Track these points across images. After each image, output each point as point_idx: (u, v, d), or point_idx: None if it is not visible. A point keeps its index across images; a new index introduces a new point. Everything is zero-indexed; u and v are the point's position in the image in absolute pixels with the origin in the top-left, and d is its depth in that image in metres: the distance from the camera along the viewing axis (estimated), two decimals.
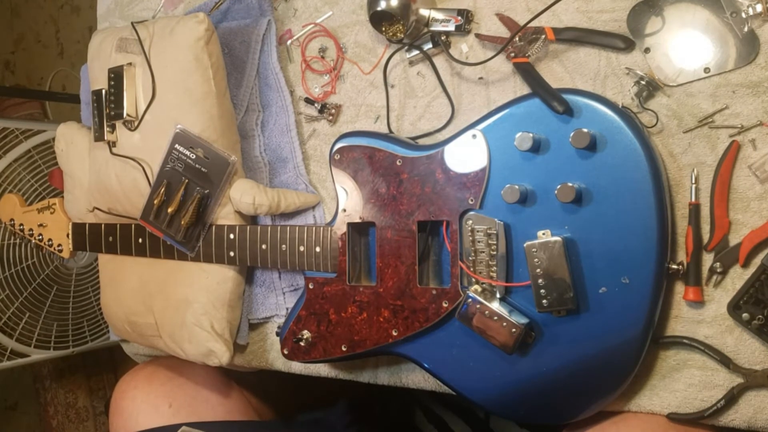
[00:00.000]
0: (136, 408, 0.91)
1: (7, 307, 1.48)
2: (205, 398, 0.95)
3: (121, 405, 0.93)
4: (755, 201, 0.65)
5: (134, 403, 0.91)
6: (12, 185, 1.46)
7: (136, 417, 0.91)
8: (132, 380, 0.94)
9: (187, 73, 0.86)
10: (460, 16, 0.78)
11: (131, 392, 0.93)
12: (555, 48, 0.74)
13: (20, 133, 1.47)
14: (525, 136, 0.68)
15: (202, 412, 0.93)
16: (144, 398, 0.92)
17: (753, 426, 0.66)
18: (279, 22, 0.95)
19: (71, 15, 2.35)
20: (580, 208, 0.67)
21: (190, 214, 0.88)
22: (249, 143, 0.93)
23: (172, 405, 0.91)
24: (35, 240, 1.11)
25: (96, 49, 0.95)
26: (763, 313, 0.64)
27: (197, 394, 0.95)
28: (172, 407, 0.90)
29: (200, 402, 0.94)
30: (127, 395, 0.93)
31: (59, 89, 2.36)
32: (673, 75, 0.68)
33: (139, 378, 0.94)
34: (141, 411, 0.91)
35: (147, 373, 0.95)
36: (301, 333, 0.84)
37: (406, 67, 0.85)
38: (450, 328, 0.75)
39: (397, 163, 0.77)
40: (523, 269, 0.70)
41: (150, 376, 0.95)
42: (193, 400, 0.93)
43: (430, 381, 0.84)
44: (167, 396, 0.92)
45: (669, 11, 0.68)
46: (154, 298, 0.95)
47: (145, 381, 0.94)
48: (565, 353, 0.69)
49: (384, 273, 0.78)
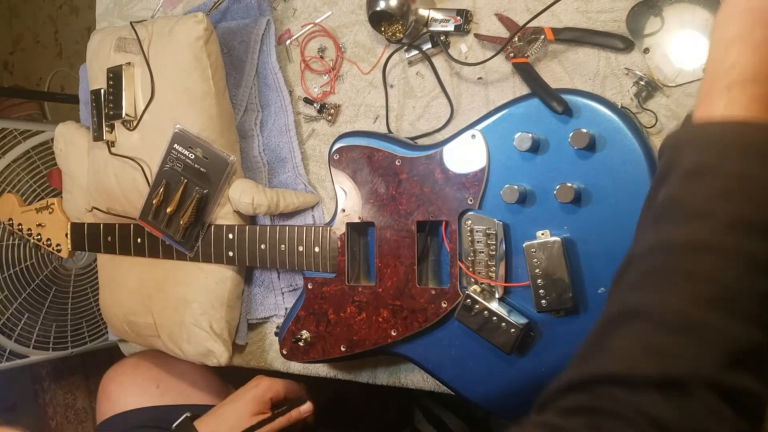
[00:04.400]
0: (123, 390, 0.92)
1: (5, 308, 1.47)
2: (192, 381, 0.95)
3: (108, 389, 0.93)
4: None
5: (122, 387, 0.92)
6: (11, 186, 1.46)
7: (124, 399, 0.92)
8: (119, 367, 0.95)
9: (186, 73, 0.86)
10: (459, 16, 0.78)
11: (118, 378, 0.93)
12: (554, 48, 0.74)
13: (19, 133, 1.47)
14: (524, 137, 0.68)
15: (190, 393, 0.93)
16: (132, 381, 0.92)
17: None
18: (278, 21, 0.95)
19: (70, 15, 2.35)
20: (579, 208, 0.67)
21: (189, 213, 0.88)
22: (248, 143, 0.93)
23: (159, 386, 0.92)
24: (34, 240, 1.11)
25: (95, 48, 0.95)
26: None
27: (184, 377, 0.95)
28: (159, 387, 0.91)
29: (187, 384, 0.95)
30: (114, 380, 0.93)
31: (58, 89, 2.35)
32: (673, 75, 0.68)
33: (127, 365, 0.95)
34: (129, 393, 0.92)
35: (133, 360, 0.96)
36: (300, 333, 0.84)
37: (405, 67, 0.85)
38: (449, 328, 0.75)
39: (396, 163, 0.77)
40: (522, 269, 0.69)
41: (136, 362, 0.96)
42: (181, 382, 0.94)
43: (429, 381, 0.83)
44: (154, 379, 0.93)
45: (668, 11, 0.68)
46: (152, 298, 0.95)
47: (132, 366, 0.95)
48: (564, 353, 0.69)
49: (383, 273, 0.78)
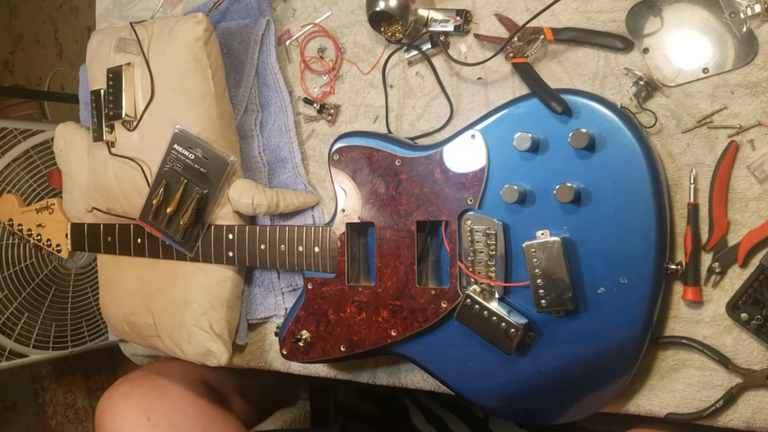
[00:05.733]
0: (116, 424, 0.94)
1: (5, 307, 1.47)
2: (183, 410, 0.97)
3: (102, 423, 0.96)
4: (754, 201, 0.65)
5: (114, 420, 0.94)
6: (11, 185, 1.46)
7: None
8: (111, 398, 0.97)
9: (185, 73, 0.86)
10: (458, 17, 0.78)
11: (110, 410, 0.96)
12: (554, 48, 0.74)
13: (19, 133, 1.47)
14: (524, 137, 0.68)
15: (180, 423, 0.95)
16: (123, 414, 0.95)
17: (751, 426, 0.66)
18: (278, 22, 0.95)
19: (70, 15, 2.35)
20: (578, 208, 0.67)
21: (189, 214, 0.88)
22: (248, 143, 0.93)
23: (150, 418, 0.94)
24: (34, 240, 1.11)
25: (95, 49, 0.95)
26: (761, 313, 0.64)
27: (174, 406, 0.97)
28: (150, 420, 0.93)
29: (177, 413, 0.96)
30: (106, 413, 0.96)
31: (58, 89, 2.35)
32: (672, 75, 0.68)
33: (117, 395, 0.97)
34: (122, 427, 0.93)
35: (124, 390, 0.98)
36: (300, 333, 0.84)
37: (404, 68, 0.85)
38: (449, 328, 0.75)
39: (396, 164, 0.77)
40: (522, 269, 0.70)
41: (127, 392, 0.97)
42: (171, 413, 0.96)
43: (429, 381, 0.84)
44: (145, 410, 0.95)
45: (667, 11, 0.68)
46: (152, 299, 0.95)
47: (123, 397, 0.96)
48: (563, 353, 0.69)
49: (383, 273, 0.78)
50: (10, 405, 2.31)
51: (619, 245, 0.65)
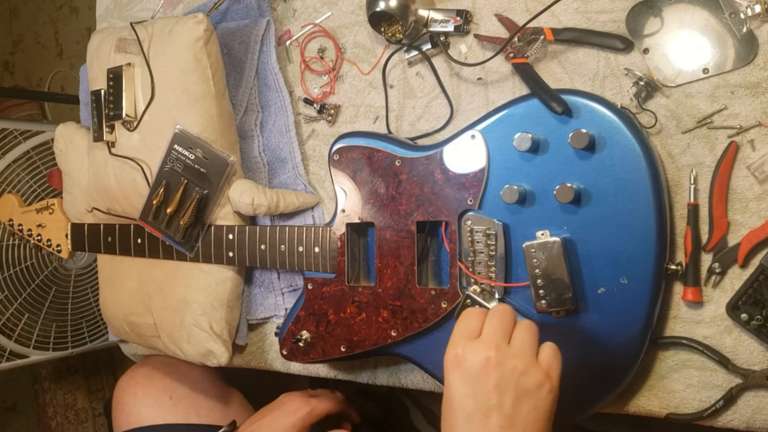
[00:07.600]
0: (137, 402, 0.94)
1: (6, 308, 1.48)
2: (204, 391, 0.98)
3: (123, 401, 0.96)
4: (754, 201, 0.65)
5: (135, 398, 0.95)
6: (11, 186, 1.46)
7: (138, 410, 0.95)
8: (132, 378, 0.97)
9: (186, 74, 0.86)
10: (459, 17, 0.78)
11: (132, 389, 0.96)
12: (554, 48, 0.74)
13: (19, 134, 1.47)
14: (524, 137, 0.68)
15: (202, 403, 0.96)
16: (145, 392, 0.95)
17: (751, 426, 0.66)
18: (278, 22, 0.95)
19: (70, 16, 2.35)
20: (578, 208, 0.67)
21: (189, 214, 0.88)
22: (248, 143, 0.93)
23: (172, 397, 0.95)
24: (34, 240, 1.11)
25: (95, 49, 0.95)
26: (761, 314, 0.64)
27: (196, 387, 0.99)
28: (172, 399, 0.94)
29: (199, 394, 0.97)
30: (128, 392, 0.96)
31: (58, 90, 2.35)
32: (672, 75, 0.68)
33: (139, 375, 0.97)
34: (143, 405, 0.95)
35: (146, 370, 0.99)
36: (300, 333, 0.84)
37: (405, 68, 0.85)
38: (449, 328, 0.74)
39: (396, 164, 0.77)
40: (522, 270, 0.70)
41: (149, 373, 0.98)
42: (193, 393, 0.97)
43: (429, 381, 0.84)
44: (167, 389, 0.96)
45: (668, 12, 0.68)
46: (152, 299, 0.95)
47: (145, 377, 0.97)
48: (563, 353, 0.69)
49: (383, 273, 0.78)
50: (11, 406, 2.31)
51: (619, 245, 0.65)
